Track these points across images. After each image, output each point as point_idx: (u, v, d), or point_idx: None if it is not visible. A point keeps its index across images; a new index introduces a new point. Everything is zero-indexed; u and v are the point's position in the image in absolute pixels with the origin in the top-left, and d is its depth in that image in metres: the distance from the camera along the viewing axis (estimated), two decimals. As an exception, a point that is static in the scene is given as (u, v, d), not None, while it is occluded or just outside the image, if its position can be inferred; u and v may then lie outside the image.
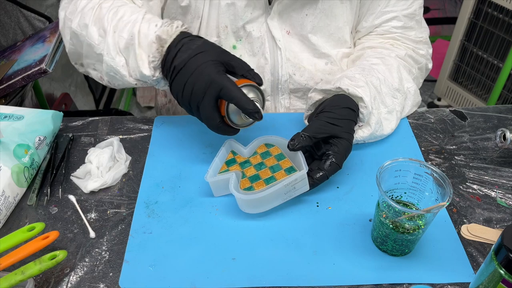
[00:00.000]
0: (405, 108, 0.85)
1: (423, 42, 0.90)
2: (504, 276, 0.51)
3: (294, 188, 0.67)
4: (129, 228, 0.68)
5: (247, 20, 0.83)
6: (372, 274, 0.61)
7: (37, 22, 1.39)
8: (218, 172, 0.72)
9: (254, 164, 0.71)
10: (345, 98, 0.75)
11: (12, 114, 0.79)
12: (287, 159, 0.71)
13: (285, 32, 0.86)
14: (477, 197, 0.73)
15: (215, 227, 0.68)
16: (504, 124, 0.87)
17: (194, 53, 0.67)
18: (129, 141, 0.83)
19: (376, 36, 0.90)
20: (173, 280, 0.61)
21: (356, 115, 0.75)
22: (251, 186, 0.68)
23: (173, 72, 0.68)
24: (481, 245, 0.65)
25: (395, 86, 0.81)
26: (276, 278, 0.61)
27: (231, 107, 0.67)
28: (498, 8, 1.81)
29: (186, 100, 0.68)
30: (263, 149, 0.74)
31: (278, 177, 0.68)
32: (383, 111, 0.79)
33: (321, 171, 0.69)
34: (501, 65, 1.85)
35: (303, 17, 0.84)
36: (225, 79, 0.66)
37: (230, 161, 0.73)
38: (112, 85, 0.79)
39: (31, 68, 1.00)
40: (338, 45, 0.89)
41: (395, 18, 0.87)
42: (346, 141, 0.70)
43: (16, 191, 0.71)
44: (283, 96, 0.91)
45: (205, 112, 0.67)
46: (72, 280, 0.61)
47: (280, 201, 0.68)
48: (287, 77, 0.88)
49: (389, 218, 0.60)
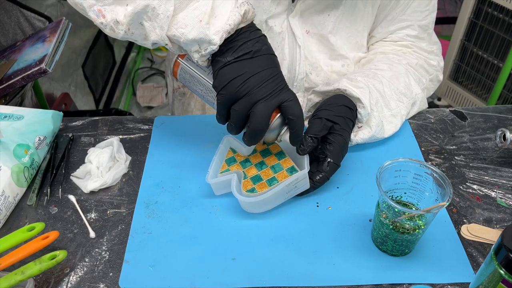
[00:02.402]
0: (411, 113, 0.86)
1: (435, 53, 0.91)
2: (504, 276, 0.51)
3: (295, 187, 0.67)
4: (129, 228, 0.68)
5: (270, 14, 0.82)
6: (372, 274, 0.61)
7: (37, 22, 1.39)
8: (219, 172, 0.72)
9: (255, 163, 0.71)
10: (342, 98, 0.75)
11: (12, 114, 0.79)
12: (288, 158, 0.71)
13: (305, 31, 0.86)
14: (477, 197, 0.73)
15: (215, 227, 0.68)
16: (504, 124, 0.87)
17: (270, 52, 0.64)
18: (129, 141, 0.83)
19: (390, 43, 0.90)
20: (173, 280, 0.61)
21: (354, 114, 0.75)
22: (253, 188, 0.68)
23: (244, 54, 0.61)
24: (481, 245, 0.65)
25: (400, 90, 0.81)
26: (276, 278, 0.61)
27: (276, 122, 0.64)
28: (498, 8, 1.81)
29: (245, 89, 0.61)
30: (263, 146, 0.74)
31: (280, 178, 0.68)
32: (386, 114, 0.79)
33: (320, 173, 0.69)
34: (501, 65, 1.85)
35: (325, 17, 0.84)
36: (293, 93, 0.64)
37: (230, 160, 0.73)
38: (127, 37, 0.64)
39: (31, 68, 1.00)
40: (355, 48, 0.90)
41: (410, 27, 0.88)
42: (342, 137, 0.70)
43: (16, 191, 0.71)
44: (298, 94, 0.91)
45: (262, 112, 0.61)
46: (72, 280, 0.61)
47: (282, 200, 0.69)
48: (303, 75, 0.88)
49: (389, 218, 0.60)
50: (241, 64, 0.61)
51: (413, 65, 0.87)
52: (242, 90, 0.61)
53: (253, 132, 0.63)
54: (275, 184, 0.67)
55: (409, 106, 0.83)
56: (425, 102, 0.88)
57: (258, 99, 0.61)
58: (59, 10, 1.60)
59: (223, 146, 0.74)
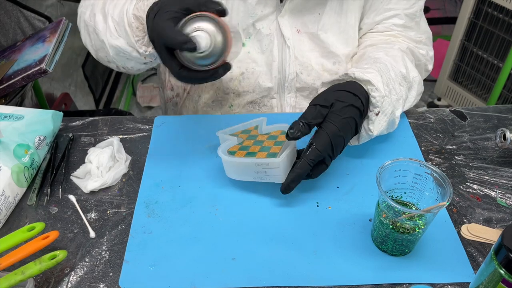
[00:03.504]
0: (409, 98, 0.81)
1: (423, 43, 0.90)
2: (504, 276, 0.51)
3: (265, 172, 0.68)
4: (129, 228, 0.68)
5: (257, 18, 0.83)
6: (372, 274, 0.61)
7: (37, 22, 1.39)
8: (231, 133, 0.76)
9: (256, 140, 0.73)
10: (349, 83, 0.71)
11: (12, 114, 0.79)
12: (280, 147, 0.70)
13: (295, 31, 0.85)
14: (477, 197, 0.73)
15: (215, 227, 0.68)
16: (504, 124, 0.87)
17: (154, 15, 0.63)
18: (129, 141, 0.83)
19: (377, 34, 0.89)
20: (173, 280, 0.61)
21: (360, 101, 0.69)
22: (234, 151, 0.71)
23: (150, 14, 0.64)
24: (481, 245, 0.65)
25: (402, 72, 0.77)
26: (276, 278, 0.61)
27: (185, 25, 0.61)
28: (498, 8, 1.81)
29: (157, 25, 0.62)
30: (276, 133, 0.74)
31: (258, 156, 0.69)
32: (393, 97, 0.74)
33: (301, 159, 0.66)
34: (501, 65, 1.85)
35: (315, 15, 0.84)
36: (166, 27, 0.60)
37: (246, 131, 0.77)
38: (128, 69, 0.77)
39: (31, 68, 1.00)
40: (349, 43, 0.89)
41: (397, 16, 0.87)
42: (332, 125, 0.66)
43: (16, 191, 0.71)
44: (289, 94, 0.91)
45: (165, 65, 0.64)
46: (72, 280, 0.61)
47: (250, 177, 0.70)
48: (294, 75, 0.88)
49: (389, 218, 0.60)
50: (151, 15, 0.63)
51: (403, 49, 0.85)
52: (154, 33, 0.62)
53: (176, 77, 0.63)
54: (249, 157, 0.69)
55: (407, 90, 0.79)
56: (421, 84, 0.83)
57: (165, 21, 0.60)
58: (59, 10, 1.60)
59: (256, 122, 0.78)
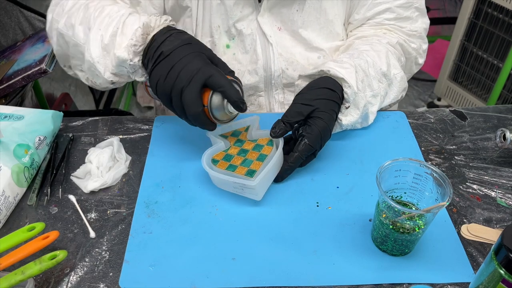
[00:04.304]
0: (390, 94, 0.83)
1: (417, 36, 0.90)
2: (504, 276, 0.51)
3: (242, 190, 0.69)
4: (129, 228, 0.68)
5: (237, 18, 0.84)
6: (372, 274, 0.61)
7: (37, 22, 1.39)
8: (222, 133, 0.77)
9: (242, 148, 0.74)
10: (325, 80, 0.75)
11: (12, 114, 0.79)
12: (261, 163, 0.70)
13: (276, 29, 0.86)
14: (477, 197, 0.73)
15: (215, 227, 0.68)
16: (504, 124, 0.87)
17: (183, 43, 0.68)
18: (129, 141, 0.83)
19: (369, 28, 0.89)
20: (173, 280, 0.61)
21: (338, 96, 0.74)
22: (218, 161, 0.72)
23: (158, 57, 0.68)
24: (481, 245, 0.65)
25: (383, 70, 0.80)
26: (276, 278, 0.61)
27: (214, 99, 0.67)
28: (498, 8, 1.81)
29: (168, 84, 0.66)
30: (264, 142, 0.74)
31: (237, 171, 0.70)
32: (368, 94, 0.79)
33: (295, 153, 0.70)
34: (501, 65, 1.85)
35: (293, 12, 0.85)
36: (214, 67, 0.67)
37: (236, 133, 0.77)
38: (95, 84, 0.79)
39: (31, 68, 1.00)
40: (330, 38, 0.89)
41: (388, 10, 0.87)
42: (321, 121, 0.71)
43: (16, 191, 0.71)
44: (277, 91, 0.92)
45: (189, 97, 0.65)
46: (72, 280, 0.61)
47: (230, 190, 0.71)
48: (280, 72, 0.89)
49: (389, 218, 0.60)
50: (158, 67, 0.68)
51: (393, 43, 0.86)
52: (167, 88, 0.67)
53: (192, 117, 0.67)
54: (229, 171, 0.70)
55: (387, 87, 0.82)
56: (404, 81, 0.85)
57: (182, 88, 0.65)
58: (59, 10, 1.60)
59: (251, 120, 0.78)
